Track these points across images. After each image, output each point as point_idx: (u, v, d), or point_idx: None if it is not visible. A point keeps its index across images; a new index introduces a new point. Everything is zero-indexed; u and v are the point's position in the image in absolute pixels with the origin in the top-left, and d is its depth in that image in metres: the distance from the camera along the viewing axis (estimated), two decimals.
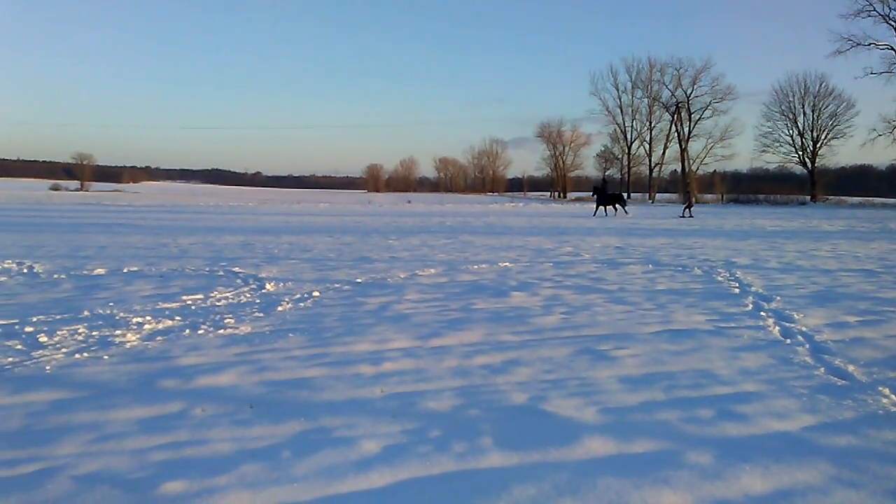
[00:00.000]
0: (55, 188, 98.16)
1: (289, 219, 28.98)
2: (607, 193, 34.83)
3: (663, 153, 76.24)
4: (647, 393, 4.46)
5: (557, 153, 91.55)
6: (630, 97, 77.46)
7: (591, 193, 36.39)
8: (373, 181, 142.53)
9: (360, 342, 5.82)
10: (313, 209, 41.88)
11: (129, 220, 26.24)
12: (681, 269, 11.24)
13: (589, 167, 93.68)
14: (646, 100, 76.75)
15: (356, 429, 3.76)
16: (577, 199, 74.32)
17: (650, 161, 77.21)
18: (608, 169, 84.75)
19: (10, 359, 5.13)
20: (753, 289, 8.93)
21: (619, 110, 78.26)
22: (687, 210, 33.95)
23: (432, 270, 10.78)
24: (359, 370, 4.96)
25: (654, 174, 76.79)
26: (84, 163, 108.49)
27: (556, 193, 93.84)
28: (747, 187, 68.41)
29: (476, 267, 11.31)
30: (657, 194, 74.24)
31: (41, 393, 4.33)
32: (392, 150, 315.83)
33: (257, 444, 3.53)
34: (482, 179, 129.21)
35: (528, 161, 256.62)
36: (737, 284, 9.37)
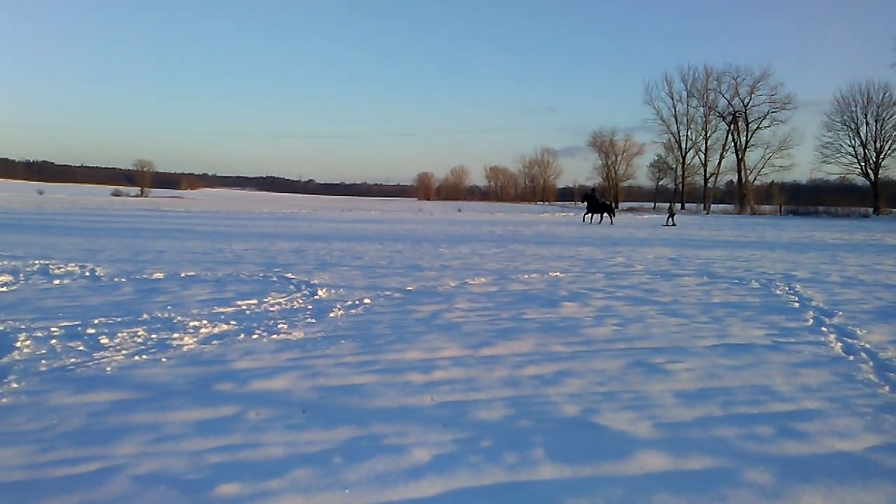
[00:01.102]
0: (116, 194, 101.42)
1: (340, 226, 29.33)
2: (598, 202, 36.13)
3: (719, 163, 74.96)
4: (703, 408, 4.36)
5: (609, 163, 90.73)
6: (685, 106, 76.45)
7: (582, 200, 38.13)
8: (423, 189, 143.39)
9: (410, 350, 5.83)
10: (364, 217, 42.30)
11: (186, 225, 26.91)
12: (737, 281, 10.98)
13: (642, 177, 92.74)
14: (701, 109, 75.64)
15: (407, 436, 3.76)
16: (629, 210, 73.34)
17: (705, 171, 75.96)
18: (661, 178, 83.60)
19: (73, 359, 5.30)
20: (814, 303, 8.66)
21: (673, 119, 77.30)
22: (670, 219, 35.91)
23: (482, 279, 10.76)
24: (409, 378, 4.97)
25: (709, 184, 75.38)
26: (144, 169, 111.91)
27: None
28: (807, 199, 66.74)
29: (526, 276, 11.25)
30: (712, 205, 72.83)
31: (102, 393, 4.45)
32: (443, 159, 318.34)
33: (310, 448, 3.56)
34: (533, 188, 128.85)
35: (579, 170, 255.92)
36: (796, 298, 9.10)
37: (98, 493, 2.99)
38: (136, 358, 5.40)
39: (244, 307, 7.83)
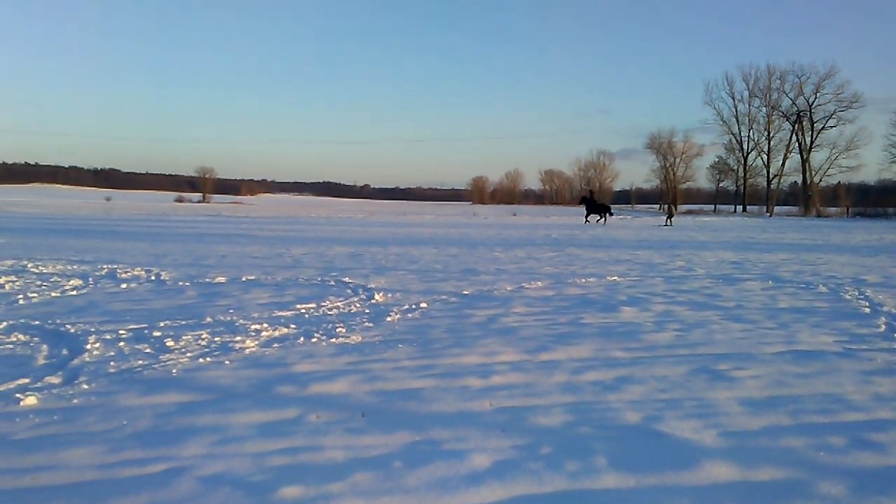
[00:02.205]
0: (180, 200, 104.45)
1: (395, 230, 29.54)
2: (595, 204, 38.75)
3: (783, 164, 72.85)
4: (772, 417, 4.22)
5: (668, 164, 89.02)
6: (747, 106, 74.62)
7: (580, 203, 40.80)
8: (478, 193, 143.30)
9: (468, 354, 5.82)
10: (419, 220, 42.51)
11: (246, 230, 27.50)
12: (804, 286, 10.63)
13: (702, 178, 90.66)
14: (764, 109, 73.72)
15: (466, 442, 3.74)
16: (689, 213, 71.88)
17: (768, 172, 73.93)
18: (722, 181, 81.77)
19: (140, 361, 5.45)
20: (886, 308, 8.32)
21: (734, 120, 75.52)
22: (668, 220, 38.14)
23: (539, 283, 10.68)
24: (467, 383, 4.95)
25: (772, 186, 73.32)
26: (206, 176, 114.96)
27: (666, 206, 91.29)
28: (875, 200, 64.25)
29: (584, 280, 11.11)
30: (776, 207, 70.84)
31: (168, 395, 4.57)
32: (497, 162, 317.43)
33: (369, 452, 3.57)
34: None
35: (636, 173, 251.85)
36: (867, 304, 8.75)
37: (166, 494, 3.05)
38: (201, 360, 5.52)
39: (303, 311, 7.94)
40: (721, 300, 9.00)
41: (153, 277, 10.88)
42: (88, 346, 5.87)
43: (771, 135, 73.56)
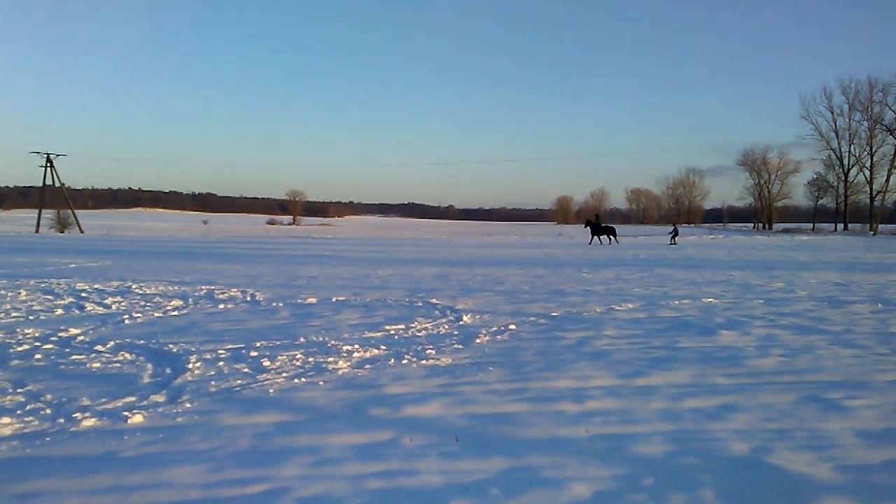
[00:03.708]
0: (271, 222, 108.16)
1: (480, 251, 29.53)
2: (600, 227, 39.13)
3: (887, 180, 68.90)
4: (892, 450, 3.93)
5: (762, 182, 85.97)
6: (847, 120, 71.13)
7: (585, 225, 41.14)
8: (562, 213, 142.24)
9: (560, 378, 5.70)
10: (504, 241, 42.39)
11: (334, 251, 28.09)
12: None
13: (799, 196, 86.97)
14: (865, 122, 70.06)
15: (563, 469, 3.64)
16: (786, 231, 68.92)
17: (871, 189, 70.05)
18: (821, 198, 78.21)
19: (239, 381, 5.59)
20: None
21: (833, 134, 72.14)
22: (673, 238, 39.45)
23: (630, 305, 10.41)
24: (561, 407, 4.84)
25: (875, 203, 69.48)
26: (296, 199, 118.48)
27: (761, 224, 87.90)
28: None
29: (677, 302, 10.76)
30: (881, 224, 67.06)
31: (266, 415, 4.66)
32: (582, 182, 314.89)
33: (466, 478, 3.52)
34: (677, 210, 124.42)
35: (728, 191, 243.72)
36: None
37: None
38: (296, 381, 5.62)
39: (392, 332, 7.99)
40: (827, 324, 8.52)
41: (248, 298, 11.21)
42: (190, 366, 6.08)
43: (874, 149, 69.85)
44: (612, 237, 38.93)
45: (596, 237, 39.23)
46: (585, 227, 40.95)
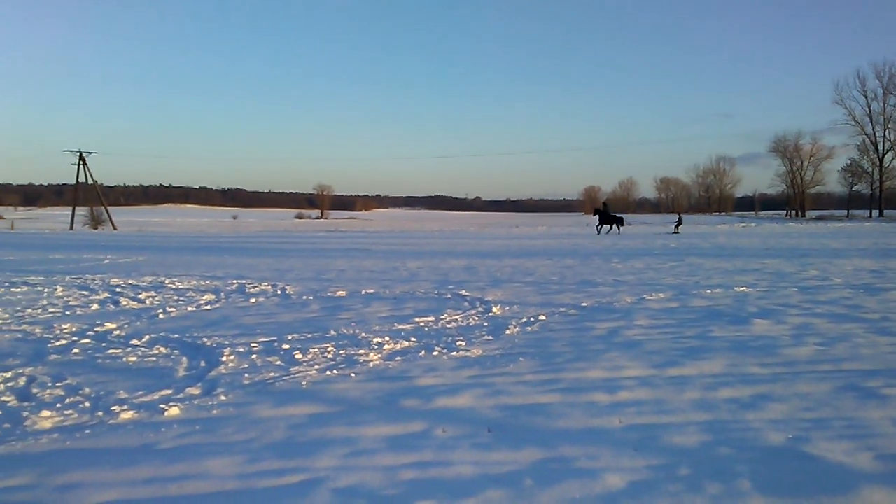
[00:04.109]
0: (300, 216, 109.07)
1: (508, 242, 29.46)
2: (608, 215, 39.75)
3: None
4: None
5: (794, 168, 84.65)
6: (881, 105, 69.77)
7: (594, 213, 42.11)
8: (590, 203, 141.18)
9: (592, 369, 5.67)
10: (531, 232, 42.22)
11: (362, 245, 28.21)
12: None
13: (832, 182, 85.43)
14: None
15: (597, 460, 3.62)
16: (819, 218, 67.71)
17: None
18: (855, 184, 76.72)
19: (272, 374, 5.65)
20: None
21: (868, 119, 70.81)
22: (676, 227, 39.12)
23: (661, 295, 10.31)
24: (593, 398, 4.82)
25: None
26: (324, 193, 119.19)
27: (794, 212, 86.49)
28: None
29: (709, 292, 10.63)
30: None
31: (300, 406, 4.70)
32: (610, 172, 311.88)
33: (499, 469, 3.52)
34: (708, 199, 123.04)
35: (759, 178, 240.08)
36: None
37: None
38: (328, 373, 5.66)
39: (422, 324, 8.01)
40: (864, 311, 8.36)
41: (279, 292, 11.31)
42: (224, 359, 6.16)
43: None
44: (618, 226, 39.41)
45: (605, 225, 39.78)
46: (594, 214, 41.91)
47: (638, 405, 4.64)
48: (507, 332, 7.44)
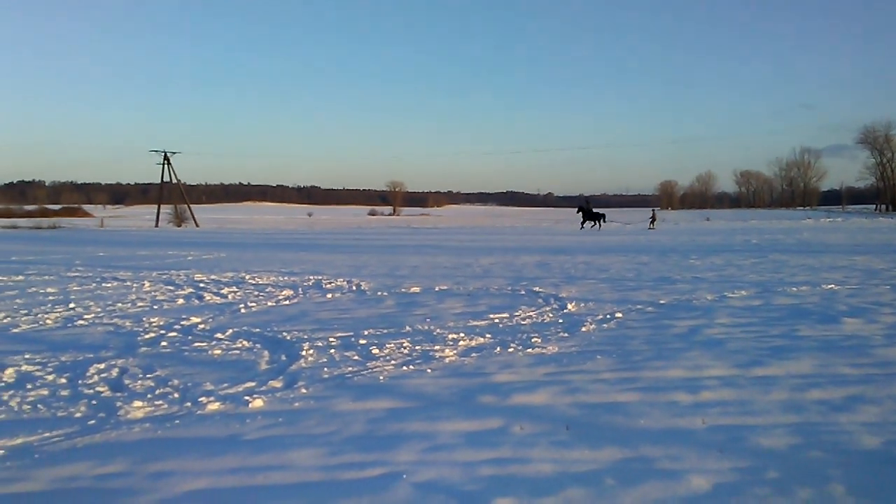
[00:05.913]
0: (372, 213, 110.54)
1: (582, 238, 29.12)
2: (590, 213, 41.13)
3: None
4: None
5: (885, 160, 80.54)
6: None
7: (577, 210, 43.30)
8: (666, 198, 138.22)
9: (672, 367, 5.54)
10: (605, 228, 41.57)
11: (434, 241, 28.38)
12: None
13: None
14: None
15: (681, 461, 3.54)
16: None
17: None
18: None
19: (350, 368, 5.75)
20: None
21: None
22: (651, 223, 41.04)
23: (743, 292, 9.98)
24: (675, 398, 4.71)
25: None
26: (396, 190, 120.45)
27: (884, 206, 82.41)
28: None
29: (795, 289, 10.23)
30: None
31: (378, 401, 4.77)
32: (687, 166, 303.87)
33: (578, 467, 3.48)
34: (791, 193, 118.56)
35: (846, 171, 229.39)
36: None
37: (385, 498, 3.16)
38: (404, 368, 5.72)
39: (497, 320, 8.00)
40: None
41: (354, 288, 11.50)
42: (303, 353, 6.30)
43: None
44: (599, 222, 40.80)
45: (588, 221, 41.02)
46: (578, 212, 43.25)
47: (722, 405, 4.51)
48: (583, 329, 7.35)
